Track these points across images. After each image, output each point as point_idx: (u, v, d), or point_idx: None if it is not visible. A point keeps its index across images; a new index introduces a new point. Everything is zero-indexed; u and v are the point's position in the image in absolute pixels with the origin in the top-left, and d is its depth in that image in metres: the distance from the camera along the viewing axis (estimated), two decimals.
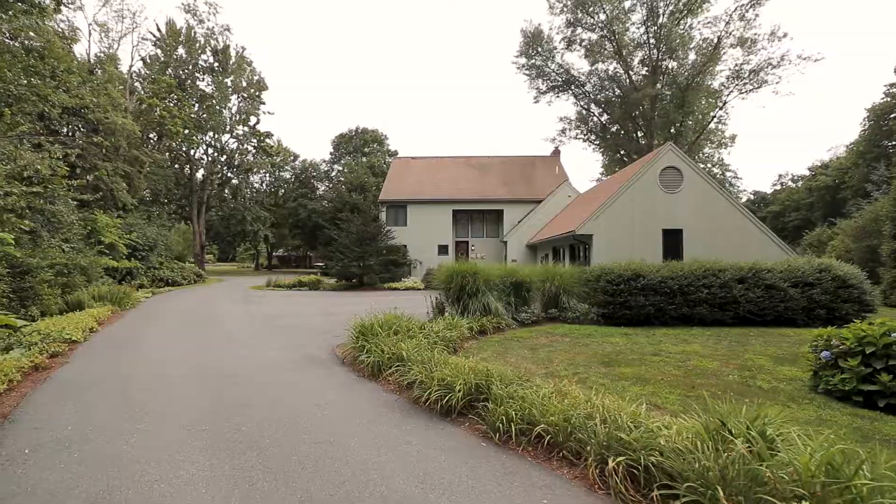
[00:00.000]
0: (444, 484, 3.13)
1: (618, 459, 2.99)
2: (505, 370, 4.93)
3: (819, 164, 51.65)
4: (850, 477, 2.42)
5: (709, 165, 48.29)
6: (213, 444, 3.79)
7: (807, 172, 53.91)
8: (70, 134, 22.29)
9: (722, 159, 48.46)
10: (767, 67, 27.01)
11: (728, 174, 49.06)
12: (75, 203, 14.33)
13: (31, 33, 16.76)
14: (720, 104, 30.41)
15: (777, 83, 27.04)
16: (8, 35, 12.35)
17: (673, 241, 14.79)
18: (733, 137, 44.59)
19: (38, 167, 8.20)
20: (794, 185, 56.66)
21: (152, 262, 22.52)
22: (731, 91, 29.09)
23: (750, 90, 28.18)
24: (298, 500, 2.87)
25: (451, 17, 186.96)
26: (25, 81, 9.58)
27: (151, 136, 32.73)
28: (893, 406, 5.11)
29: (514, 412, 3.84)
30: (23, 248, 8.97)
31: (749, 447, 2.80)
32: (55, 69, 10.71)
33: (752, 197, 62.07)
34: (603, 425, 3.38)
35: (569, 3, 31.46)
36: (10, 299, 8.69)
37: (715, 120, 35.76)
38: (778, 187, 60.74)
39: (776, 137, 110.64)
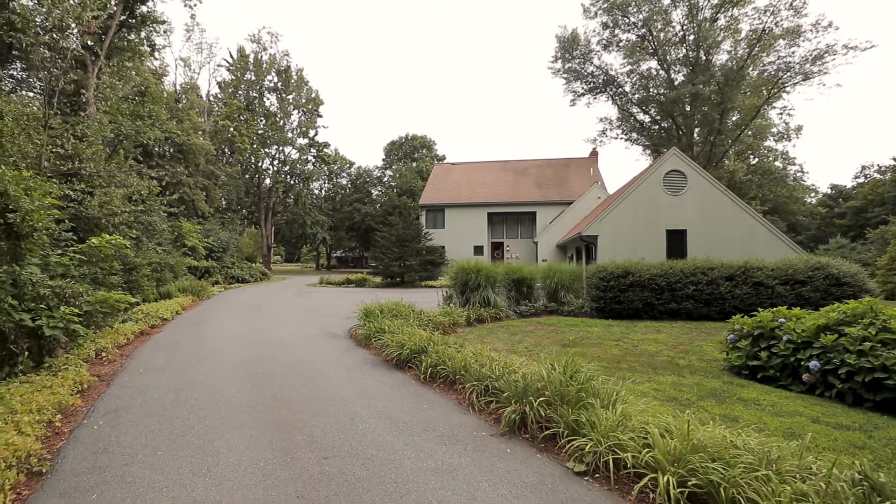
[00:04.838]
0: (371, 396, 5.04)
1: (473, 383, 4.74)
2: (448, 339, 6.70)
3: None
4: (585, 384, 4.02)
5: (770, 159, 45.51)
6: (245, 373, 6.01)
7: (892, 163, 48.63)
8: (161, 154, 26.85)
9: (787, 152, 45.45)
10: (816, 60, 25.81)
11: (792, 168, 45.85)
12: (166, 214, 17.96)
13: (133, 73, 20.95)
14: (767, 97, 29.24)
15: (825, 74, 25.77)
16: (118, 79, 15.91)
17: (677, 242, 15.41)
18: (799, 129, 41.70)
19: (142, 191, 11.24)
20: (880, 178, 50.86)
21: (225, 262, 26.41)
22: (775, 85, 27.97)
23: (796, 83, 26.99)
24: (282, 396, 4.96)
25: (508, 21, 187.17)
26: (130, 122, 12.68)
27: (225, 150, 37.63)
28: (769, 377, 6.23)
29: (431, 361, 5.64)
30: (131, 250, 12.06)
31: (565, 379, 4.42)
32: (152, 110, 13.91)
33: (829, 191, 56.99)
34: (482, 369, 5.09)
35: (604, 5, 31.83)
36: (124, 288, 11.81)
37: (775, 112, 33.99)
38: (861, 180, 55.05)
39: (863, 127, 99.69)
